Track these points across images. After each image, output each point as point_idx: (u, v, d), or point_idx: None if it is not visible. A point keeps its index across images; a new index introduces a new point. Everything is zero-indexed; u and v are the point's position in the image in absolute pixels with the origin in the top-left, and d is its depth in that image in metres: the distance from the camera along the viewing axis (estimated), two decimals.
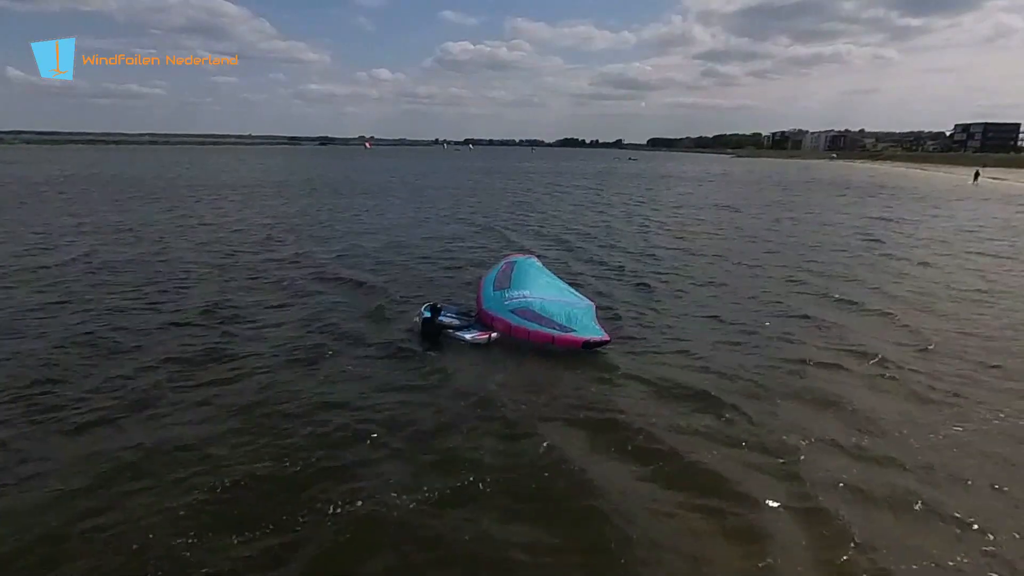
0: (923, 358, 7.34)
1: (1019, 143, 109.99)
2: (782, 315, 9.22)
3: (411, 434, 5.32)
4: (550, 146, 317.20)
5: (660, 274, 12.12)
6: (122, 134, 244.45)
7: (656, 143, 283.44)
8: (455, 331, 7.61)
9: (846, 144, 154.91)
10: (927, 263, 13.59)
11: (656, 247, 15.51)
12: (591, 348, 7.16)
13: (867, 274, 12.30)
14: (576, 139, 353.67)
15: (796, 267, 12.96)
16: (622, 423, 5.56)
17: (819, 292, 10.64)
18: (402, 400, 6.02)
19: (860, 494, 4.49)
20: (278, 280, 10.97)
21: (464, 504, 4.33)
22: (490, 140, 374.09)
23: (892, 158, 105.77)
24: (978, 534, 4.05)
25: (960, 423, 5.64)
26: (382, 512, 4.19)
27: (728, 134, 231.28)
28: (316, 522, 4.07)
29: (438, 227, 18.70)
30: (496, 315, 7.78)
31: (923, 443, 5.26)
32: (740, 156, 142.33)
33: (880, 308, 9.54)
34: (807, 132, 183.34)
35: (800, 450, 5.09)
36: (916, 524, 4.19)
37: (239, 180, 38.91)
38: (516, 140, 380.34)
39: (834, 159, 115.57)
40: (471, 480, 4.60)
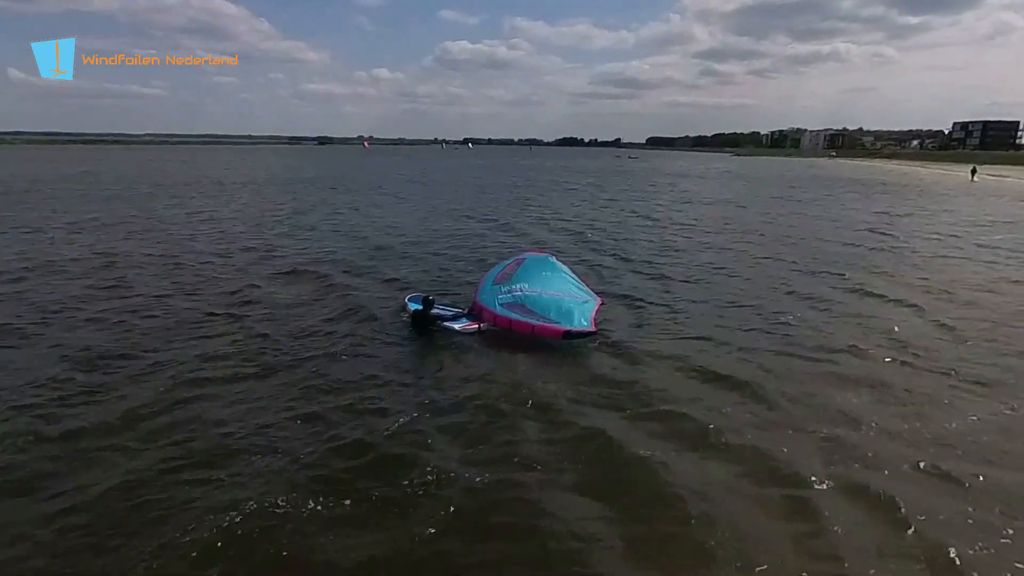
0: (952, 344, 7.36)
1: (1019, 141, 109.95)
2: (803, 303, 9.23)
3: (448, 420, 5.33)
4: (549, 145, 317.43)
5: (676, 265, 12.13)
6: (122, 134, 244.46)
7: (655, 142, 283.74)
8: (445, 322, 7.65)
9: (845, 143, 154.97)
10: (942, 255, 13.62)
11: (669, 241, 15.49)
12: (572, 339, 7.15)
13: (885, 265, 12.32)
14: (575, 138, 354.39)
15: (812, 259, 12.96)
16: (661, 408, 5.55)
17: (838, 282, 10.67)
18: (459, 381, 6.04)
19: (909, 474, 4.50)
20: (308, 275, 11.03)
21: (517, 487, 4.32)
22: (489, 139, 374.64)
23: (891, 156, 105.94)
24: None
25: (999, 405, 5.65)
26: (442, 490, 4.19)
27: (727, 133, 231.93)
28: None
29: (456, 224, 18.67)
30: (485, 307, 7.78)
31: (965, 425, 5.27)
32: (739, 155, 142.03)
33: (903, 298, 9.55)
34: (806, 131, 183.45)
35: (838, 433, 5.09)
36: (969, 502, 4.18)
37: (248, 178, 38.83)
38: (515, 139, 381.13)
39: (833, 157, 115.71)
40: (516, 462, 4.60)
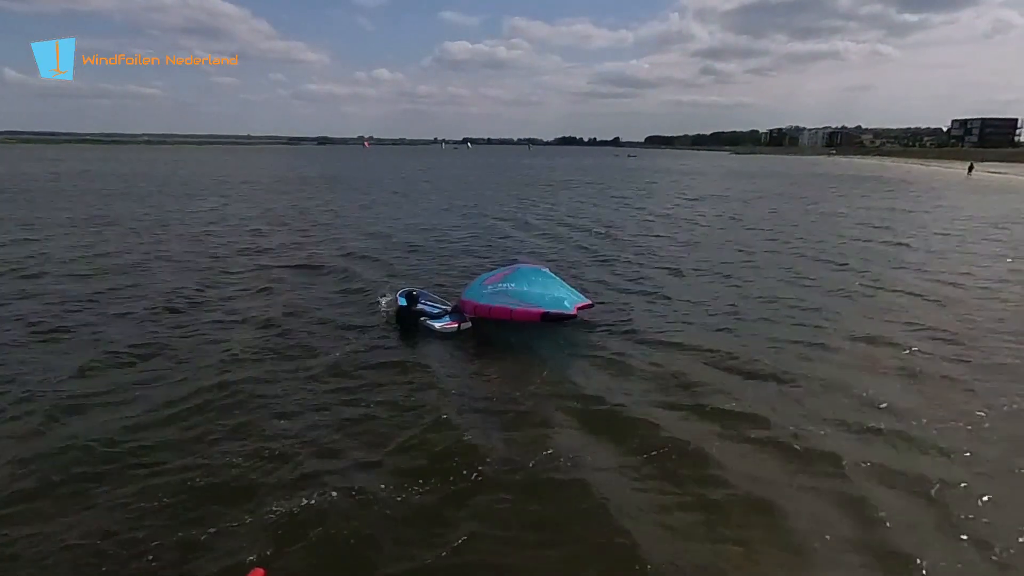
0: (956, 341, 7.04)
1: (1018, 138, 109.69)
2: (808, 301, 8.94)
3: (416, 423, 4.93)
4: (548, 144, 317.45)
5: (679, 261, 11.92)
6: (118, 134, 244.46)
7: (654, 141, 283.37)
8: (427, 319, 7.35)
9: (843, 140, 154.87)
10: (947, 250, 13.40)
11: (669, 237, 15.22)
12: (551, 321, 7.08)
13: (892, 260, 12.14)
14: (574, 137, 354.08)
15: (818, 255, 12.75)
16: (699, 400, 5.20)
17: (845, 278, 10.44)
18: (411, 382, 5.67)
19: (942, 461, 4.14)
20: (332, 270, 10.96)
21: (471, 497, 3.94)
22: (488, 139, 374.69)
23: (890, 154, 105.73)
24: None
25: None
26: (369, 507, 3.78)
27: (726, 132, 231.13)
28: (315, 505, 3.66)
29: (470, 220, 18.47)
30: (468, 300, 7.62)
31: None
32: (738, 153, 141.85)
33: (913, 292, 9.43)
34: (804, 129, 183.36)
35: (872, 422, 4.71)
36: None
37: (251, 177, 38.61)
38: (514, 139, 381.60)
39: (833, 155, 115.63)
40: (474, 473, 4.21)
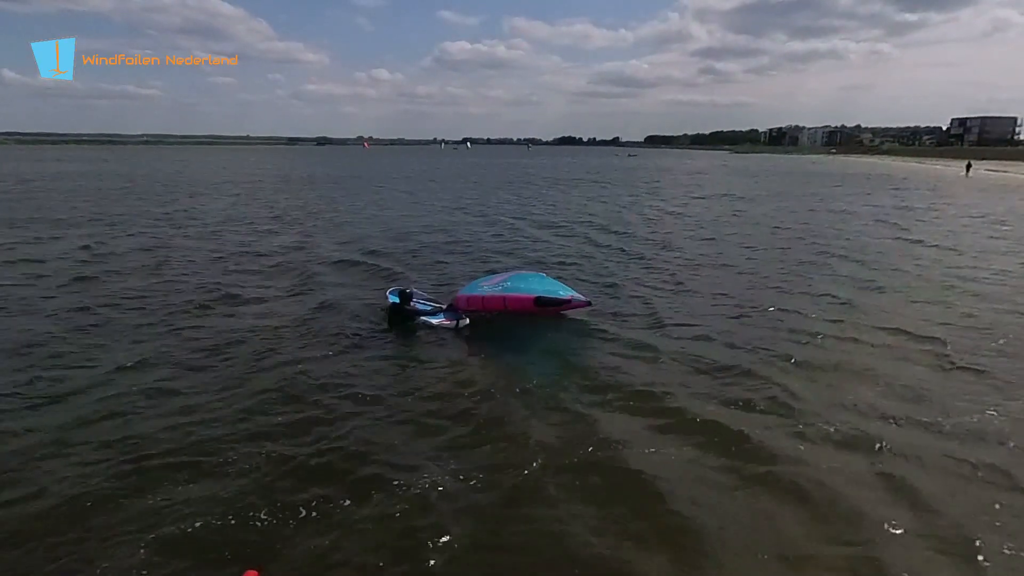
0: (970, 336, 7.15)
1: (1017, 137, 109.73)
2: (819, 297, 9.03)
3: (446, 413, 5.10)
4: (548, 144, 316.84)
5: (686, 259, 11.97)
6: (117, 135, 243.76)
7: (654, 140, 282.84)
8: (423, 317, 7.39)
9: (843, 140, 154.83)
10: (953, 248, 13.49)
11: (675, 234, 15.31)
12: (545, 306, 7.07)
13: (898, 258, 12.22)
14: (573, 137, 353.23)
15: (825, 252, 12.80)
16: (669, 405, 5.34)
17: (852, 275, 10.50)
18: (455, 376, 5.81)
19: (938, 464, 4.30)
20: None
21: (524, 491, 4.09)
22: (488, 139, 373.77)
23: (889, 152, 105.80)
24: None
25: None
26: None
27: (725, 131, 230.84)
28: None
29: (474, 218, 18.62)
30: (464, 295, 7.60)
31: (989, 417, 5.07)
32: (737, 152, 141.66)
33: (921, 288, 9.53)
34: (804, 128, 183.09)
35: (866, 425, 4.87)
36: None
37: (253, 177, 38.70)
38: (514, 139, 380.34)
39: (833, 154, 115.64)
40: (522, 461, 4.36)
